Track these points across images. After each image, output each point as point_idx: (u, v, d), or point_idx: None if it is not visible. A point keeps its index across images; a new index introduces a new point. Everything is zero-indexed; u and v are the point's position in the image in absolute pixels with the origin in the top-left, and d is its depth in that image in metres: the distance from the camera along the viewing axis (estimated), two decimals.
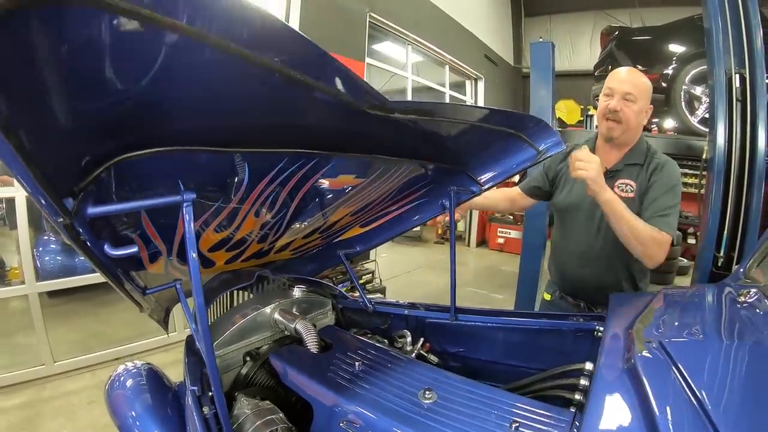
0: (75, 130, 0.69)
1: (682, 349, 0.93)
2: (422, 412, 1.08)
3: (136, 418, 1.39)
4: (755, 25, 2.56)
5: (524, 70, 11.06)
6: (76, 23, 0.50)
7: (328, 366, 1.33)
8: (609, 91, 1.78)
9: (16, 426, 2.83)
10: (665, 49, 4.44)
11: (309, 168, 1.19)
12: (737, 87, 2.53)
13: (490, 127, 1.34)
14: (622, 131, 1.78)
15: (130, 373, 1.56)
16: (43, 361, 3.37)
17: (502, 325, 1.64)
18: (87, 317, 4.27)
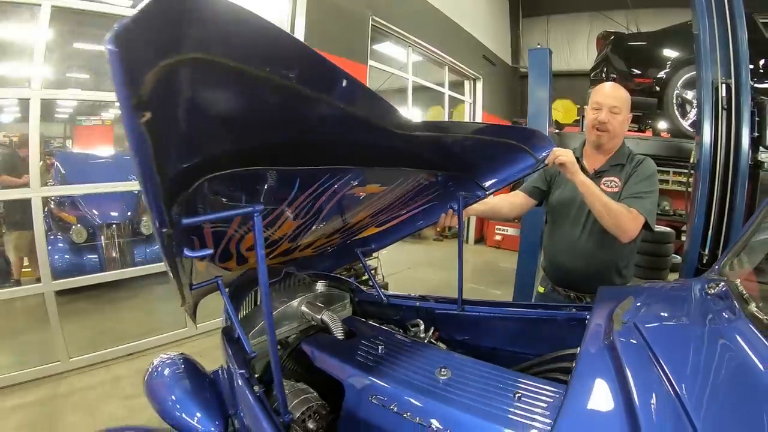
0: (189, 155, 0.89)
1: (651, 329, 1.14)
2: (439, 386, 1.29)
3: (176, 401, 1.50)
4: (742, 38, 2.79)
5: (522, 70, 11.28)
6: (194, 77, 0.70)
7: (355, 350, 1.53)
8: (597, 105, 2.04)
9: (37, 421, 2.93)
10: (659, 54, 4.64)
11: (345, 179, 1.38)
12: (723, 96, 2.77)
13: (497, 140, 1.55)
14: (609, 138, 2.06)
15: (168, 362, 1.67)
16: (59, 358, 3.51)
17: (504, 314, 1.84)
18: (95, 315, 4.42)
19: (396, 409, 1.26)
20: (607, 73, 4.93)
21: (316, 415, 1.37)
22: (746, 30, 2.84)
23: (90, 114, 8.47)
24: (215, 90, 0.77)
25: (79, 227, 4.70)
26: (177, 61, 0.62)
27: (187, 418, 1.45)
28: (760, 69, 3.78)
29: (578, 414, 0.92)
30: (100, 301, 4.53)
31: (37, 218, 3.40)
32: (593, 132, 2.07)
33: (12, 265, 4.89)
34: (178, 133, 0.79)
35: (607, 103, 2.01)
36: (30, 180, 3.35)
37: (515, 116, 11.37)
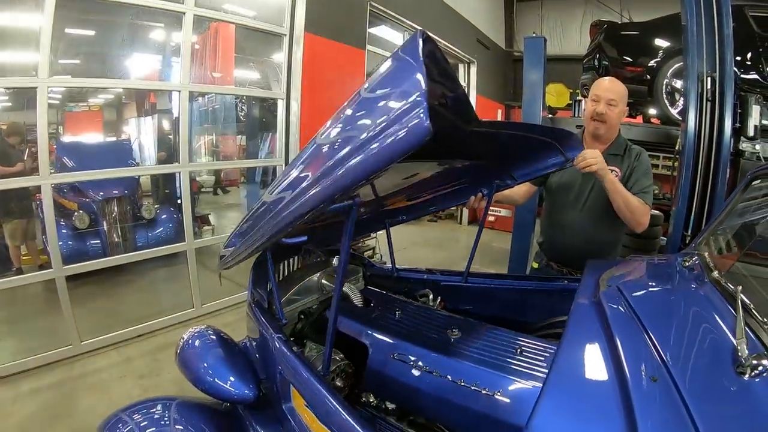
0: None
1: (632, 290, 1.37)
2: (451, 344, 1.52)
3: (208, 368, 1.60)
4: (727, 33, 3.03)
5: (515, 54, 11.46)
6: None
7: (375, 316, 1.77)
8: (596, 97, 2.27)
9: (54, 403, 3.05)
10: (650, 43, 4.83)
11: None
12: (708, 88, 3.02)
13: (537, 137, 1.75)
14: (607, 129, 2.29)
15: (197, 334, 1.80)
16: (70, 342, 3.62)
17: (504, 286, 2.11)
18: (102, 299, 4.56)
19: (415, 364, 1.48)
20: (600, 60, 5.14)
21: (343, 373, 1.59)
22: (732, 25, 3.07)
23: (79, 101, 8.50)
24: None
25: (81, 213, 4.84)
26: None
27: (221, 383, 1.55)
28: (747, 61, 4.02)
29: (570, 360, 1.11)
30: (105, 286, 4.67)
31: (47, 205, 3.50)
32: (592, 123, 2.29)
33: (11, 253, 4.98)
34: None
35: (606, 96, 2.23)
36: (40, 167, 3.44)
37: (508, 99, 11.59)
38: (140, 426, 1.51)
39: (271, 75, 7.69)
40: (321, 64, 5.44)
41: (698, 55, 3.07)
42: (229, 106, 8.30)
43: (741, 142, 3.25)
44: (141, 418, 1.54)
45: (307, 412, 1.36)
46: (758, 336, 0.95)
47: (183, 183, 4.38)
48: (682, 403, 0.81)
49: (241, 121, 8.36)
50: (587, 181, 2.31)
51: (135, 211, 5.36)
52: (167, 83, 6.03)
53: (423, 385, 1.45)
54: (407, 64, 0.84)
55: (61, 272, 3.57)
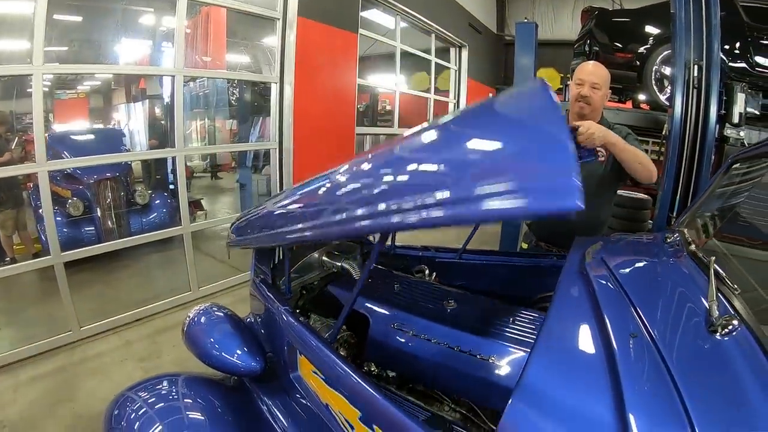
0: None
1: (615, 261, 1.50)
2: (447, 314, 1.64)
3: (215, 343, 1.66)
4: (715, 23, 3.16)
5: (507, 38, 11.52)
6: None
7: (376, 289, 1.87)
8: (580, 81, 2.38)
9: (57, 389, 3.10)
10: (641, 30, 4.93)
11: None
12: (695, 76, 3.16)
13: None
14: (591, 110, 2.39)
15: (203, 311, 1.85)
16: (70, 328, 3.65)
17: (497, 262, 2.24)
18: (98, 285, 4.62)
19: (414, 333, 1.58)
20: (590, 46, 5.24)
21: (346, 344, 1.71)
22: (721, 14, 3.20)
23: (66, 88, 8.45)
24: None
25: (75, 200, 4.89)
26: None
27: (228, 356, 1.60)
28: (736, 50, 4.15)
29: (558, 324, 1.20)
30: (102, 272, 4.73)
31: (44, 192, 3.52)
32: (576, 105, 2.40)
33: (3, 243, 5.01)
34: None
35: (589, 80, 2.35)
36: (36, 154, 3.47)
37: (499, 83, 11.68)
38: (148, 402, 1.52)
39: (262, 59, 7.71)
40: (314, 48, 5.48)
41: (686, 43, 3.21)
42: (221, 90, 8.32)
43: (726, 129, 3.42)
44: (148, 395, 1.56)
45: (314, 378, 1.44)
46: (729, 301, 1.07)
47: (179, 167, 4.43)
48: (660, 358, 0.92)
49: (232, 105, 8.39)
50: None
51: (129, 197, 5.42)
52: (162, 68, 6.06)
53: (421, 353, 1.53)
54: (545, 121, 0.73)
55: (59, 258, 3.60)
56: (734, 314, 1.00)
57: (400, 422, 1.00)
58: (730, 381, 0.86)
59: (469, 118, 0.92)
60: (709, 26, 3.18)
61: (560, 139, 0.68)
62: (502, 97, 0.88)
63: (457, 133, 0.87)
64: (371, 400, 1.10)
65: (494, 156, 0.75)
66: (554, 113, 0.72)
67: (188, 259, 4.47)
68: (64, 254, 3.65)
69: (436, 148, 0.89)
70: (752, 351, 0.91)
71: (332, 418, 1.35)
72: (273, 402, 1.62)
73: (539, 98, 0.75)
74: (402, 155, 0.97)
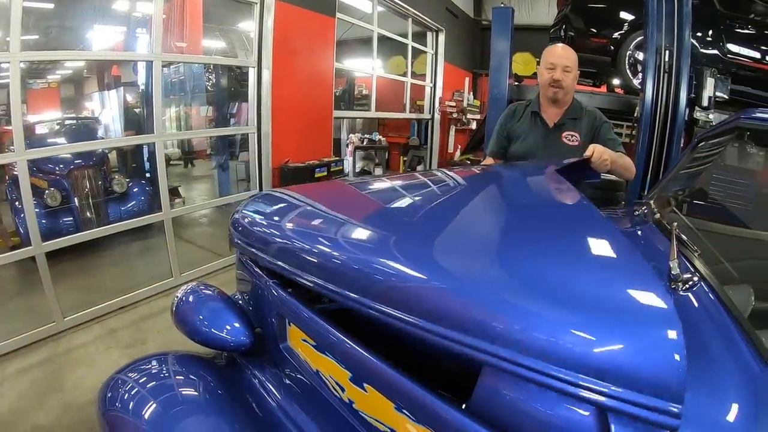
0: None
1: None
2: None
3: (204, 319, 1.63)
4: (687, 11, 3.31)
5: (483, 23, 11.60)
6: None
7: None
8: (551, 65, 2.46)
9: (44, 380, 3.11)
10: (615, 16, 5.04)
11: None
12: (666, 61, 3.30)
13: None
14: (564, 94, 2.48)
15: (191, 291, 1.81)
16: (53, 319, 3.64)
17: None
18: (80, 275, 4.60)
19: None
20: (566, 31, 5.35)
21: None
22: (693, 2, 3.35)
23: (37, 77, 8.25)
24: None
25: (52, 191, 4.82)
26: None
27: (217, 332, 1.59)
28: (708, 37, 4.32)
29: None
30: (82, 262, 4.72)
31: (24, 182, 3.50)
32: (549, 89, 2.48)
33: None
34: None
35: (561, 63, 2.43)
36: (15, 143, 3.42)
37: (475, 68, 11.79)
38: (140, 383, 1.49)
39: (238, 44, 7.65)
40: (291, 32, 5.52)
41: (658, 29, 3.36)
42: (197, 76, 8.22)
43: (696, 112, 3.59)
44: (139, 376, 1.53)
45: (303, 346, 1.47)
46: (690, 260, 1.20)
47: (158, 153, 4.43)
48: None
49: (209, 91, 8.30)
50: (549, 147, 2.53)
51: (106, 186, 5.38)
52: (140, 54, 5.97)
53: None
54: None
55: (41, 249, 3.58)
56: (694, 272, 1.12)
57: (390, 378, 1.03)
58: (692, 331, 0.95)
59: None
60: (680, 13, 3.33)
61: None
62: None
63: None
64: (361, 359, 1.13)
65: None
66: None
67: (169, 245, 4.50)
68: (45, 244, 3.62)
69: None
70: (711, 303, 1.02)
71: (323, 383, 1.38)
72: (264, 374, 1.63)
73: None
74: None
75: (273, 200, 1.87)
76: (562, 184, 1.64)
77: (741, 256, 1.56)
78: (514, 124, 2.67)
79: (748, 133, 1.80)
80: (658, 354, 0.67)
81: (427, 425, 0.99)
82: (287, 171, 5.71)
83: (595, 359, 0.69)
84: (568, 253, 1.00)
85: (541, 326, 0.77)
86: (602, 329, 0.72)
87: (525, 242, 1.14)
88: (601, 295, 0.81)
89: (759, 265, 1.59)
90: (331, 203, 1.72)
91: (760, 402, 0.79)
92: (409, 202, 1.76)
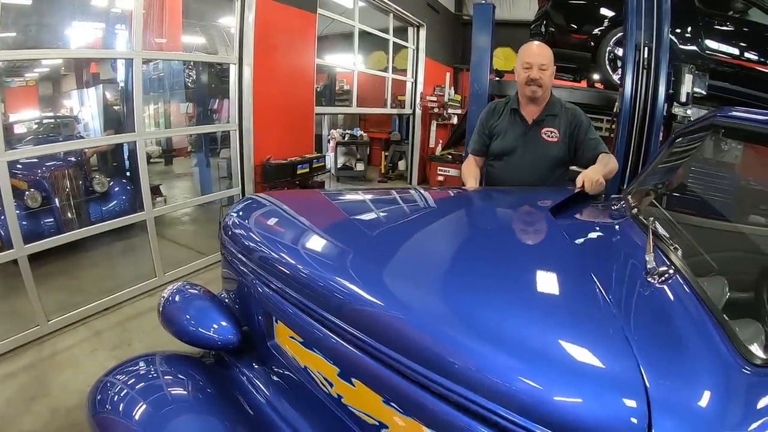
0: None
1: (566, 223, 1.69)
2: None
3: (191, 318, 1.66)
4: (666, 9, 3.38)
5: (464, 18, 11.65)
6: None
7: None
8: (528, 64, 2.49)
9: (31, 385, 3.06)
10: (595, 12, 5.10)
11: None
12: (645, 57, 3.38)
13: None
14: (542, 92, 2.53)
15: (177, 290, 1.84)
16: (37, 323, 3.57)
17: None
18: (62, 277, 4.54)
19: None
20: (547, 27, 5.41)
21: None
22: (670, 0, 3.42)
23: (15, 76, 8.08)
24: None
25: (33, 192, 4.74)
26: None
27: (205, 331, 1.61)
28: (687, 34, 4.42)
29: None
30: (64, 264, 4.66)
31: (4, 183, 3.38)
32: (527, 88, 2.52)
33: None
34: None
35: (537, 61, 2.46)
36: None
37: (456, 63, 11.84)
38: (129, 384, 1.49)
39: (218, 40, 7.59)
40: (273, 28, 5.50)
41: (637, 26, 3.43)
42: (176, 72, 8.13)
43: (674, 107, 3.67)
44: (127, 377, 1.53)
45: (290, 343, 1.49)
46: (666, 254, 1.25)
47: (139, 151, 4.39)
48: (603, 298, 1.07)
49: (189, 88, 8.22)
50: (529, 143, 2.59)
51: (87, 186, 5.31)
52: (121, 51, 5.88)
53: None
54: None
55: (23, 251, 3.51)
56: (670, 265, 1.17)
57: (378, 372, 1.06)
58: (666, 322, 1.02)
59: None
60: (660, 10, 3.41)
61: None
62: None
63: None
64: (348, 354, 1.16)
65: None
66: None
67: (152, 244, 4.46)
68: (27, 246, 3.55)
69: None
70: (686, 295, 1.07)
71: (311, 379, 1.40)
72: (252, 372, 1.65)
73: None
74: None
75: (256, 207, 1.91)
76: (546, 221, 1.71)
77: (716, 248, 1.62)
78: (495, 121, 2.72)
79: (723, 130, 1.87)
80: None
81: (415, 417, 1.02)
82: (269, 168, 5.68)
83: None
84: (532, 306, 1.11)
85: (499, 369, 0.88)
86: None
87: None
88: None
89: (733, 256, 1.66)
90: (307, 217, 1.78)
91: (732, 390, 0.82)
92: (380, 223, 1.83)
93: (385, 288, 1.24)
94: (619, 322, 0.97)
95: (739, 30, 4.65)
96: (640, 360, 0.82)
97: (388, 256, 1.43)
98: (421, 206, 2.11)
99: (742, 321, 1.09)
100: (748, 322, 1.11)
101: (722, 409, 0.77)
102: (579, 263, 1.33)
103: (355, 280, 1.23)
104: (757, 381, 0.84)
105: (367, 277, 1.26)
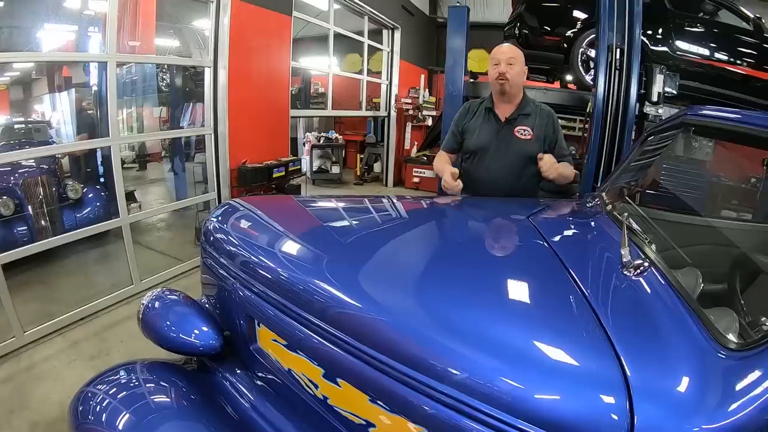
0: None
1: (541, 220, 1.74)
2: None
3: (171, 325, 1.63)
4: (637, 11, 3.49)
5: (439, 20, 11.75)
6: None
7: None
8: (497, 61, 2.60)
9: (9, 398, 2.97)
10: (568, 15, 5.19)
11: None
12: (617, 58, 3.46)
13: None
14: (510, 86, 2.61)
15: (156, 297, 1.80)
16: (13, 334, 3.47)
17: None
18: (37, 287, 4.44)
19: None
20: (520, 29, 5.49)
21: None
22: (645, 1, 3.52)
23: None
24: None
25: (5, 199, 4.60)
26: None
27: (186, 337, 1.59)
28: (658, 35, 4.54)
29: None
30: (38, 273, 4.56)
31: None
32: (497, 83, 2.61)
33: None
34: None
35: (504, 57, 2.57)
36: None
37: (431, 65, 11.93)
38: (110, 394, 1.48)
39: (192, 43, 7.49)
40: (248, 31, 5.46)
41: (609, 28, 3.52)
42: (149, 76, 7.98)
43: (645, 107, 3.78)
44: (109, 387, 1.51)
45: (273, 346, 1.49)
46: (640, 248, 1.29)
47: (114, 157, 4.30)
48: (581, 293, 1.11)
49: (162, 91, 8.08)
50: (502, 141, 2.66)
51: (60, 192, 5.19)
52: (93, 54, 5.78)
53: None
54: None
55: None
56: (645, 259, 1.21)
57: (363, 371, 1.08)
58: (643, 311, 1.06)
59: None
60: (631, 13, 3.50)
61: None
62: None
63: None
64: (333, 355, 1.17)
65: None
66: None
67: (128, 252, 4.38)
68: (1, 255, 3.43)
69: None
70: (662, 287, 1.11)
71: (296, 382, 1.40)
72: (235, 377, 1.65)
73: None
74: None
75: (235, 212, 1.91)
76: (521, 220, 1.76)
77: (689, 241, 1.68)
78: (469, 121, 2.80)
79: (693, 128, 1.94)
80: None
81: (401, 414, 1.03)
82: (245, 172, 5.62)
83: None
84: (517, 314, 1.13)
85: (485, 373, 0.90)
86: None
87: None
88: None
89: (706, 249, 1.72)
90: (287, 221, 1.83)
91: (708, 374, 0.86)
92: (358, 228, 1.87)
93: (365, 291, 1.26)
94: (596, 315, 1.00)
95: (709, 31, 4.80)
96: (619, 349, 0.86)
97: (367, 260, 1.46)
98: (397, 212, 2.15)
99: (715, 309, 1.14)
100: (721, 310, 1.16)
101: (701, 393, 0.80)
102: (555, 259, 1.36)
103: (335, 284, 1.25)
104: (733, 364, 0.88)
105: (348, 281, 1.29)
